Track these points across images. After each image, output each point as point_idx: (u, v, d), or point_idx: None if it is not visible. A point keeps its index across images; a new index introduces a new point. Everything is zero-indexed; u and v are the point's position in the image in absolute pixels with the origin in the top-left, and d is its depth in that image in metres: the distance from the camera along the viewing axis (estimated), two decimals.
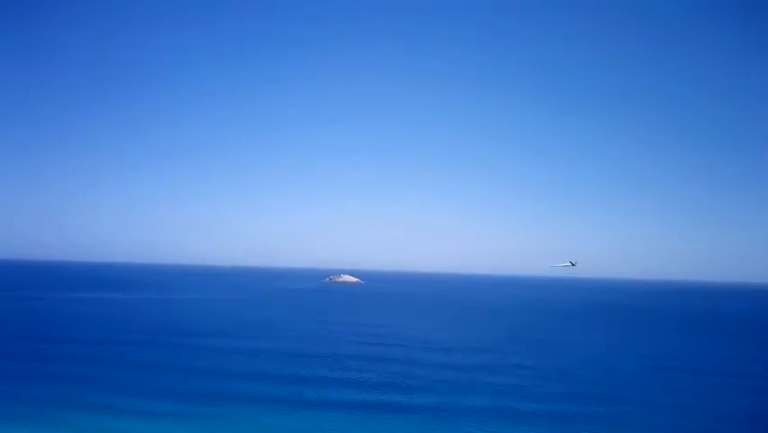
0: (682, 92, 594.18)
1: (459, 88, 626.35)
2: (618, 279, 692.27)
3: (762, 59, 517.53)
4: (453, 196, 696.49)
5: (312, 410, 36.75)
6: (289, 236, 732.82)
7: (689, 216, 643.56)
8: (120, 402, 37.48)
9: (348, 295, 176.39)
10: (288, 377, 46.11)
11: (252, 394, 40.46)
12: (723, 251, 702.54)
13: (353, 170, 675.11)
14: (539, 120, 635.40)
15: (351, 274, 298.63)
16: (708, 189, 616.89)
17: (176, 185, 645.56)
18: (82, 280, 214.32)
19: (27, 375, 44.31)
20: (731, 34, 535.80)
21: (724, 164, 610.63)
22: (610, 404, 40.37)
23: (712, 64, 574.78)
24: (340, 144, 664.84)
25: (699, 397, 44.31)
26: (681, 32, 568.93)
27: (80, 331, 69.46)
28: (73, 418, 34.23)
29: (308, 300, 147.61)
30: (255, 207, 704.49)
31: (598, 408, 39.22)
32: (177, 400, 38.29)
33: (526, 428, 34.47)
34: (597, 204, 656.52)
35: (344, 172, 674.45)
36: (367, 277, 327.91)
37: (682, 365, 58.21)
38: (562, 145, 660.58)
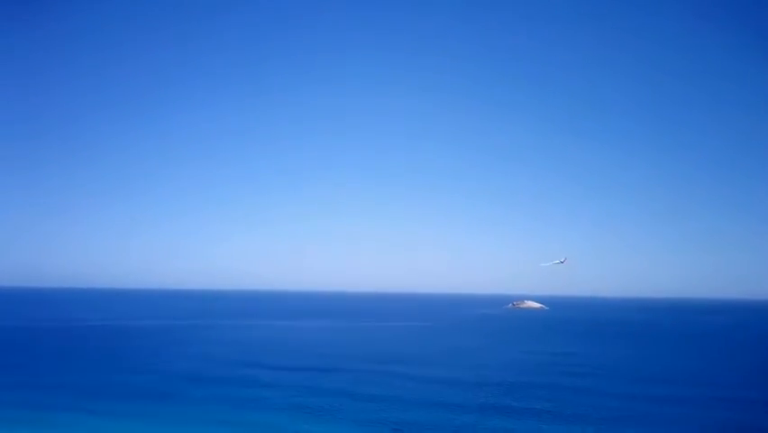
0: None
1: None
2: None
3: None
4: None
5: None
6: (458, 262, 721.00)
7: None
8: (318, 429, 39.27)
9: (533, 321, 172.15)
10: (472, 406, 45.66)
11: (439, 422, 40.60)
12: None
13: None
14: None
15: (534, 300, 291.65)
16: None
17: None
18: (256, 308, 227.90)
19: (239, 401, 47.32)
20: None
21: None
22: None
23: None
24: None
25: None
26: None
27: (281, 357, 73.28)
28: None
29: (494, 327, 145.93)
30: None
31: None
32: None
33: None
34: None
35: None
36: (550, 303, 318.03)
37: None
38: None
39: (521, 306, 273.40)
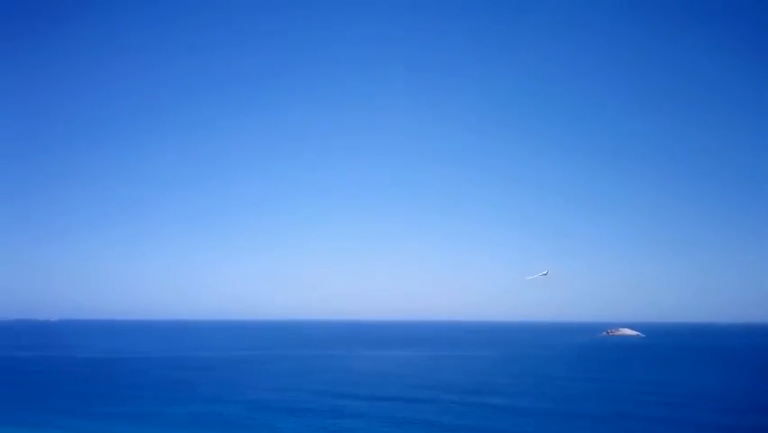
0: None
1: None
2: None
3: None
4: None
5: None
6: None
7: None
8: None
9: (629, 349, 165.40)
10: None
11: None
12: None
13: None
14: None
15: (629, 327, 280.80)
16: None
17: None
18: (338, 338, 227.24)
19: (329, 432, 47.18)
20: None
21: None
22: None
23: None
24: None
25: None
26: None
27: (363, 387, 72.29)
28: None
29: (587, 356, 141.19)
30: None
31: None
32: None
33: None
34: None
35: None
36: (647, 330, 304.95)
37: None
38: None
39: (615, 333, 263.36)
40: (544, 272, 72.26)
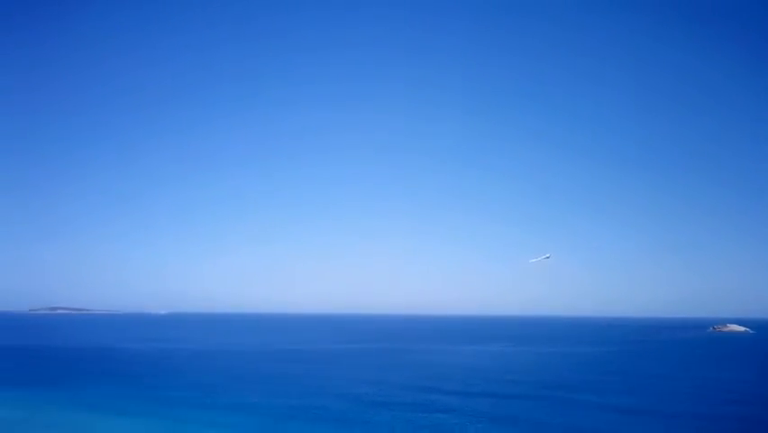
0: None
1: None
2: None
3: None
4: None
5: None
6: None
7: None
8: None
9: (736, 346, 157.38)
10: None
11: None
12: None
13: None
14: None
15: (737, 323, 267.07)
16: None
17: None
18: (438, 333, 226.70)
19: (422, 427, 47.64)
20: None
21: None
22: None
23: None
24: None
25: None
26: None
27: (453, 382, 72.49)
28: None
29: (691, 353, 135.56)
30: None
31: None
32: None
33: None
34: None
35: None
36: (756, 325, 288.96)
37: None
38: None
39: (722, 329, 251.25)
40: (547, 256, 72.60)
